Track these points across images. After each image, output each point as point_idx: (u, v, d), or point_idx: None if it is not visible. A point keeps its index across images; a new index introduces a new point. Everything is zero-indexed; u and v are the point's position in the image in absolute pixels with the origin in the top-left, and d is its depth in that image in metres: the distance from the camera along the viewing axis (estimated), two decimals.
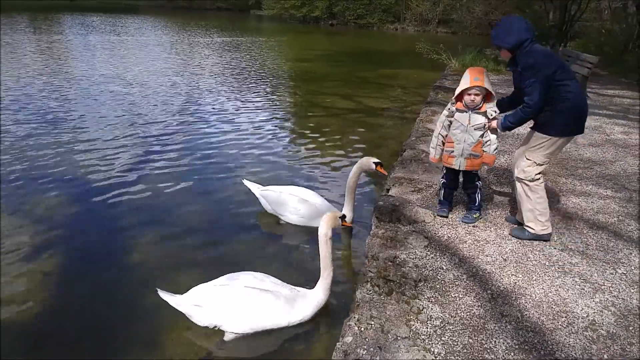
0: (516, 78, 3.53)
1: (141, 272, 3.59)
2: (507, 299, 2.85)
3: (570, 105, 3.34)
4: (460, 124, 3.58)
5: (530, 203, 3.54)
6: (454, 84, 11.29)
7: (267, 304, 2.83)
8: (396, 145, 6.83)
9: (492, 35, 3.48)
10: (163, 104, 8.92)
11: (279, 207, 4.38)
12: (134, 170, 5.55)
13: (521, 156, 3.58)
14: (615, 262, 3.33)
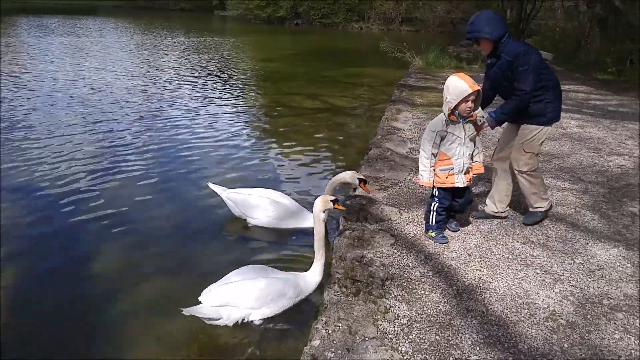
0: (495, 71, 3.51)
1: (105, 282, 3.47)
2: (472, 293, 2.90)
3: (555, 93, 3.54)
4: (456, 136, 3.31)
5: (534, 187, 3.72)
6: (418, 82, 11.49)
7: (284, 289, 2.97)
8: (362, 143, 6.87)
9: (471, 29, 3.45)
10: (126, 108, 8.69)
11: (247, 210, 4.32)
12: (96, 176, 5.38)
13: (519, 151, 3.64)
14: (573, 252, 3.45)
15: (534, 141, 3.59)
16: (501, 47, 3.43)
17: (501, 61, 3.44)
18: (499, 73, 3.50)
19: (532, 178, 3.69)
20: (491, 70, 3.58)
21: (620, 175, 5.17)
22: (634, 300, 2.86)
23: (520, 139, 3.64)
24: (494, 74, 3.56)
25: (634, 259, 3.37)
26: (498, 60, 3.48)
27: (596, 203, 4.39)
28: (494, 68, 3.53)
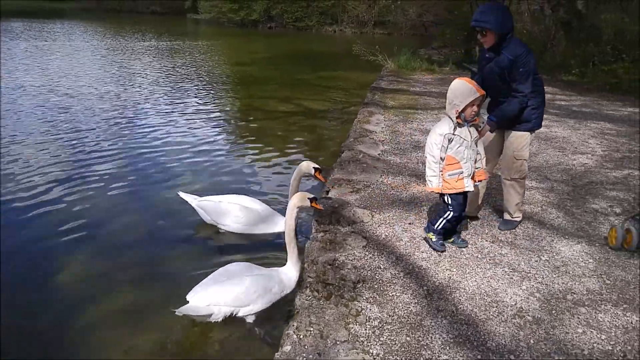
0: (492, 67, 3.46)
1: (72, 293, 3.38)
2: (442, 293, 2.95)
3: (541, 100, 3.61)
4: (463, 139, 3.24)
5: (518, 197, 3.77)
6: (390, 85, 11.62)
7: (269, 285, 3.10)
8: (336, 146, 6.90)
9: (480, 18, 3.33)
10: (95, 114, 8.51)
11: (218, 217, 4.29)
12: (63, 184, 5.25)
13: (510, 160, 3.64)
14: (540, 249, 3.54)
15: (524, 148, 3.62)
16: (504, 44, 3.37)
17: (501, 58, 3.38)
18: (496, 70, 3.45)
19: (520, 186, 3.73)
20: (487, 66, 3.52)
21: (583, 173, 5.34)
22: (595, 294, 2.96)
23: (509, 148, 3.65)
24: (489, 69, 3.51)
25: (595, 254, 3.48)
26: (497, 57, 3.42)
27: (561, 201, 4.52)
28: (491, 64, 3.48)
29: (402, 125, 7.40)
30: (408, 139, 6.59)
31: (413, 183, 4.90)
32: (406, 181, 4.96)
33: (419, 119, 7.89)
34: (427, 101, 9.47)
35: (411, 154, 5.91)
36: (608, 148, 6.44)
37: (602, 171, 5.44)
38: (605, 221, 4.07)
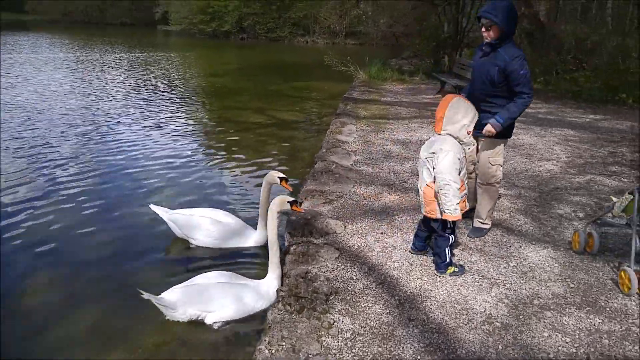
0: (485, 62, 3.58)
1: (37, 315, 3.28)
2: (413, 303, 2.98)
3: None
4: (464, 158, 3.26)
5: (491, 203, 3.89)
6: (362, 95, 11.75)
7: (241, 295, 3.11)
8: (309, 157, 6.92)
9: (491, 10, 3.40)
10: (64, 129, 8.32)
11: (189, 231, 4.23)
12: (28, 201, 5.10)
13: (486, 165, 3.76)
14: (508, 256, 3.62)
15: (499, 153, 3.76)
16: (503, 43, 3.49)
17: (499, 55, 3.48)
18: (489, 67, 3.54)
19: (494, 192, 3.86)
20: (480, 59, 3.65)
21: (549, 180, 5.50)
22: (560, 298, 3.05)
23: (485, 154, 3.76)
24: (481, 64, 3.63)
25: (560, 258, 3.59)
26: (493, 53, 3.53)
27: (528, 207, 4.64)
28: (485, 59, 3.59)
29: (374, 135, 7.49)
30: (380, 149, 6.67)
31: (385, 193, 4.96)
32: (378, 191, 5.01)
33: (390, 128, 8.00)
34: (398, 111, 9.61)
35: (383, 163, 5.98)
36: (572, 154, 6.66)
37: (567, 177, 5.62)
38: (569, 226, 4.21)
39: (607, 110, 10.25)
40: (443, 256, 3.27)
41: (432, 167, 3.17)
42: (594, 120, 9.30)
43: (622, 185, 5.30)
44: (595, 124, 8.91)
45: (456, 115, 3.12)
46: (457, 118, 3.13)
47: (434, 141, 3.23)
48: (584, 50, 12.76)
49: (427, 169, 3.22)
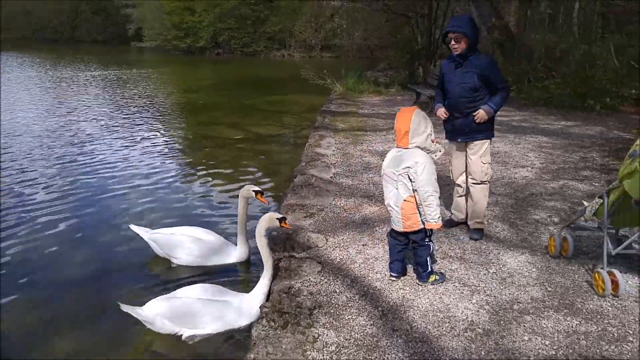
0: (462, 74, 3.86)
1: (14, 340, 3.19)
2: (396, 313, 3.01)
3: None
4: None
5: (485, 202, 4.11)
6: (339, 108, 11.86)
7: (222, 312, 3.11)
8: (288, 171, 6.93)
9: (458, 24, 3.75)
10: (37, 149, 8.17)
11: (170, 250, 4.20)
12: (4, 222, 4.99)
13: (477, 164, 4.00)
14: (487, 262, 3.69)
15: (487, 152, 4.02)
16: (473, 53, 3.82)
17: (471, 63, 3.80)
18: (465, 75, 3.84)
19: (487, 190, 4.11)
20: (456, 71, 3.91)
21: (524, 186, 5.63)
22: (539, 302, 3.12)
23: (476, 155, 4.00)
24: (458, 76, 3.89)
25: (538, 263, 3.67)
26: (464, 62, 3.83)
27: (505, 214, 4.74)
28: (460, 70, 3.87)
29: (352, 147, 7.56)
30: (359, 161, 6.73)
31: (365, 204, 5.00)
32: (358, 203, 5.06)
33: (368, 140, 8.09)
34: (375, 122, 9.73)
35: (362, 175, 6.04)
36: (545, 160, 6.83)
37: (541, 183, 5.76)
38: (545, 231, 4.31)
39: (577, 117, 10.57)
40: (425, 265, 3.31)
41: (409, 181, 3.20)
42: (565, 126, 9.57)
43: (593, 189, 5.46)
44: (566, 130, 9.17)
45: (420, 127, 3.20)
46: (421, 129, 3.20)
47: (401, 155, 3.24)
48: (553, 59, 13.14)
49: (403, 184, 3.21)
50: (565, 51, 13.26)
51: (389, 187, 3.30)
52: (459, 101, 3.94)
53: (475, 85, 3.83)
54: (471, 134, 3.97)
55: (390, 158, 3.31)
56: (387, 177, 3.31)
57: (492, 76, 3.84)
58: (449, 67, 4.00)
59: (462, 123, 3.97)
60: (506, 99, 3.94)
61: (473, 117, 3.88)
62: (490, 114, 3.86)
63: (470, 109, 3.90)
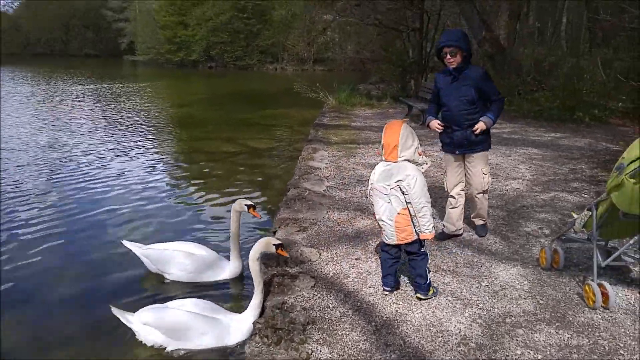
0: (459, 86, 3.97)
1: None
2: (390, 328, 3.02)
3: None
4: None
5: (486, 204, 4.39)
6: (332, 121, 11.92)
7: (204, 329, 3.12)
8: (282, 184, 6.95)
9: (452, 38, 3.86)
10: (29, 164, 8.16)
11: (163, 265, 4.18)
12: None
13: (478, 175, 4.16)
14: (480, 276, 3.71)
15: (487, 163, 4.22)
16: (467, 66, 3.95)
17: (467, 76, 3.93)
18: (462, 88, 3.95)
19: (486, 196, 4.35)
20: (452, 85, 4.01)
21: (515, 198, 5.67)
22: (531, 315, 3.13)
23: (476, 167, 4.16)
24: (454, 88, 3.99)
25: (529, 276, 3.70)
26: (460, 76, 3.94)
27: (497, 226, 4.77)
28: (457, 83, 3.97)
29: (345, 160, 7.60)
30: (352, 174, 6.76)
31: (358, 217, 5.02)
32: (352, 216, 5.07)
33: (361, 153, 8.14)
34: (368, 135, 9.80)
35: (355, 188, 6.07)
36: (536, 172, 6.89)
37: (532, 195, 5.81)
38: (536, 243, 4.34)
39: (566, 129, 10.69)
40: (426, 275, 3.32)
41: (402, 194, 3.22)
42: (554, 138, 9.68)
43: (583, 200, 5.52)
44: (556, 142, 9.27)
45: (408, 140, 3.25)
46: (409, 143, 3.26)
47: (390, 169, 3.25)
48: (542, 72, 13.32)
49: (396, 197, 3.23)
50: (554, 64, 13.45)
51: (380, 202, 3.31)
52: (458, 114, 4.04)
53: (472, 98, 3.95)
54: (470, 146, 4.09)
55: (379, 172, 3.31)
56: (377, 191, 3.32)
57: (487, 88, 3.97)
58: (444, 80, 4.09)
59: (461, 136, 4.07)
60: (502, 109, 4.06)
61: (472, 130, 3.99)
62: (489, 125, 3.98)
63: (469, 121, 4.00)
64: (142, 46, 49.29)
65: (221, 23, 40.24)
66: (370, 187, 3.37)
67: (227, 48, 41.64)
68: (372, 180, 3.35)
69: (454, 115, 4.06)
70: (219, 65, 42.38)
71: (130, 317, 3.24)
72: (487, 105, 4.05)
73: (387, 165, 3.30)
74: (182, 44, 42.38)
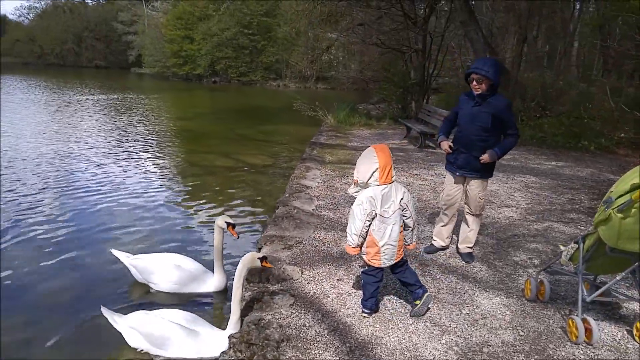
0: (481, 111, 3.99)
1: None
2: (364, 350, 2.95)
3: None
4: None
5: (477, 230, 4.46)
6: (329, 140, 11.93)
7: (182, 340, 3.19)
8: (273, 201, 6.91)
9: (481, 67, 3.88)
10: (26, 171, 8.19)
11: (149, 276, 4.20)
12: None
13: (475, 199, 4.27)
14: (461, 303, 3.64)
15: (485, 189, 4.31)
16: (492, 94, 3.98)
17: (489, 104, 3.96)
18: (486, 113, 3.97)
19: (480, 220, 4.48)
20: (473, 108, 4.05)
21: (507, 226, 5.61)
22: (509, 346, 3.07)
23: (474, 192, 4.25)
24: (475, 113, 4.03)
25: (512, 306, 3.63)
26: (483, 102, 3.98)
27: (485, 254, 4.71)
28: (478, 108, 4.01)
29: (338, 180, 7.57)
30: (343, 194, 6.72)
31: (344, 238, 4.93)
32: (338, 237, 5.02)
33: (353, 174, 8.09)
34: None
35: (345, 209, 6.02)
36: (531, 201, 6.83)
37: (525, 224, 5.74)
38: (523, 273, 4.28)
39: (568, 157, 10.61)
40: (419, 281, 3.43)
41: (401, 212, 3.26)
42: (555, 167, 9.61)
43: (578, 232, 5.43)
44: (556, 170, 9.19)
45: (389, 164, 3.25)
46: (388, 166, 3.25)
47: (389, 192, 3.20)
48: (548, 97, 13.28)
49: (398, 218, 3.23)
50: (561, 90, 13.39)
51: (383, 227, 3.20)
52: (469, 138, 4.10)
53: (487, 126, 3.99)
54: (471, 171, 4.18)
55: (380, 197, 3.18)
56: (382, 217, 3.20)
57: (506, 119, 4.00)
58: (466, 102, 4.17)
59: (465, 159, 4.15)
60: (514, 145, 4.10)
61: (477, 157, 4.05)
62: (493, 159, 4.04)
63: (478, 147, 4.06)
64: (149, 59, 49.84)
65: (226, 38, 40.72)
66: (373, 215, 3.20)
67: (232, 63, 42.03)
68: (374, 208, 3.18)
69: (466, 138, 4.13)
70: (223, 80, 42.73)
71: (118, 318, 3.38)
72: (500, 136, 4.09)
73: (385, 189, 3.20)
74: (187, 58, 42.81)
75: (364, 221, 3.18)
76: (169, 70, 44.93)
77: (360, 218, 3.17)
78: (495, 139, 4.06)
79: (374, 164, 3.16)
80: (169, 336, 3.19)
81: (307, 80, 38.65)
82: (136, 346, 3.28)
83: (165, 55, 45.00)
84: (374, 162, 3.17)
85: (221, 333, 3.27)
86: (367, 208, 3.16)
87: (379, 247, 3.22)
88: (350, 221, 3.24)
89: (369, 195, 3.18)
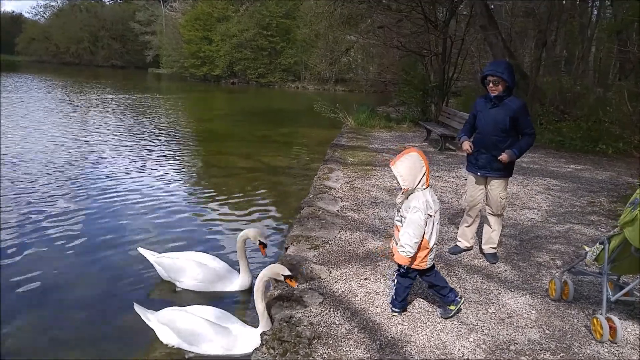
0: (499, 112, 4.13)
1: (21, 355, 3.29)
2: (394, 347, 3.05)
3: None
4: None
5: (500, 229, 4.58)
6: (350, 142, 12.03)
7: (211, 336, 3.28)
8: (296, 202, 7.03)
9: (496, 69, 4.01)
10: (52, 170, 8.42)
11: (175, 274, 4.32)
12: (15, 244, 5.13)
13: (496, 198, 4.38)
14: (487, 302, 3.72)
15: (505, 189, 4.41)
16: (508, 96, 4.12)
17: (506, 105, 4.09)
18: (504, 115, 4.10)
19: (501, 220, 4.57)
20: (490, 110, 4.19)
21: (530, 228, 5.66)
22: (536, 344, 3.14)
23: (495, 192, 4.36)
24: (493, 114, 4.16)
25: (537, 305, 3.70)
26: (500, 104, 4.12)
27: (509, 255, 4.77)
28: (496, 109, 4.15)
29: (360, 182, 7.67)
30: (366, 195, 6.82)
31: (370, 239, 5.07)
32: (363, 237, 5.13)
33: (376, 175, 8.20)
34: (385, 158, 9.86)
35: (369, 209, 6.12)
36: (552, 203, 6.85)
37: (547, 226, 5.78)
38: (547, 274, 4.34)
39: (587, 161, 10.59)
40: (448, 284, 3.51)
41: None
42: (574, 170, 9.59)
43: (599, 234, 5.47)
44: (576, 173, 9.18)
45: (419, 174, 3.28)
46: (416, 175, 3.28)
47: (432, 194, 3.33)
48: (566, 101, 13.23)
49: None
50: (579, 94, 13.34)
51: (434, 228, 3.29)
52: (489, 139, 4.23)
53: (505, 127, 4.12)
54: (492, 171, 4.31)
55: (432, 200, 3.27)
56: (434, 219, 3.28)
57: (522, 120, 4.11)
58: (483, 105, 4.30)
59: (486, 160, 4.29)
60: (531, 145, 4.23)
61: (497, 157, 4.17)
62: (513, 158, 4.17)
63: (498, 148, 4.19)
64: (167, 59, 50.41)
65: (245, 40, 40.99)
66: (432, 216, 3.26)
67: (250, 65, 42.25)
68: (430, 209, 3.23)
69: (485, 139, 4.27)
70: (242, 81, 43.00)
71: (151, 315, 3.46)
72: (518, 136, 4.22)
73: (430, 190, 3.32)
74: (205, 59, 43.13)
75: (424, 227, 3.21)
76: (186, 70, 45.30)
77: (422, 224, 3.19)
78: (513, 138, 4.19)
79: (422, 168, 3.23)
80: (199, 333, 3.27)
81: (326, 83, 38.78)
82: (168, 342, 3.37)
83: (183, 56, 45.43)
84: (422, 167, 3.23)
85: (253, 330, 3.37)
86: (429, 213, 3.23)
87: (429, 248, 3.30)
88: (410, 230, 3.18)
89: (423, 200, 3.22)
